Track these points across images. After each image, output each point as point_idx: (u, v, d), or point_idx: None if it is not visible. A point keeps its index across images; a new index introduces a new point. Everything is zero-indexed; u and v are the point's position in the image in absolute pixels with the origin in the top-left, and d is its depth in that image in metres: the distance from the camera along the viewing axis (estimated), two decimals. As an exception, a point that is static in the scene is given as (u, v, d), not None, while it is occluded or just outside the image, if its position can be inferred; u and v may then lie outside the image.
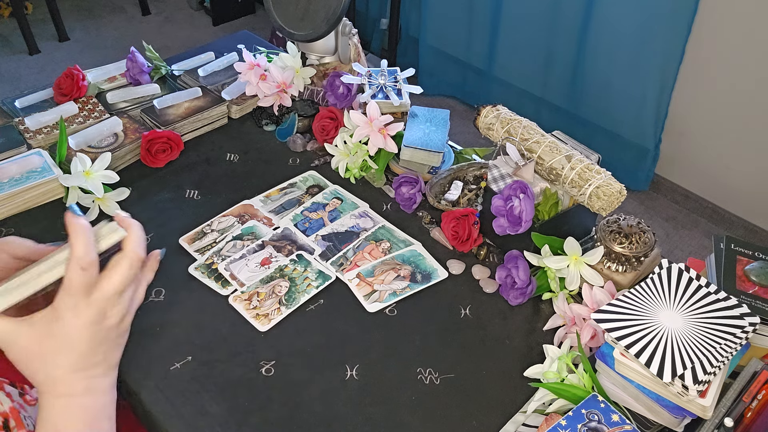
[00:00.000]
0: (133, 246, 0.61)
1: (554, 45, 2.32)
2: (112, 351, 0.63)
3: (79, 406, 0.59)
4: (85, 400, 0.60)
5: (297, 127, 1.14)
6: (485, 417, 0.74)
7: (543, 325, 0.84)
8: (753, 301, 0.73)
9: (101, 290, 0.59)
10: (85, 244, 0.57)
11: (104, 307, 0.60)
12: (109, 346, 0.62)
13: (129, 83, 1.23)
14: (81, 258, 0.57)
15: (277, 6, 1.13)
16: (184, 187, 1.03)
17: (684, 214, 2.27)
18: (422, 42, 2.72)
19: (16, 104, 1.15)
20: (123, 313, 0.62)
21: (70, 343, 0.58)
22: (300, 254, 0.92)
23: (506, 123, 0.92)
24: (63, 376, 0.59)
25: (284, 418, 0.73)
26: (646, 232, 0.82)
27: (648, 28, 2.00)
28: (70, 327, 0.58)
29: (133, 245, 0.61)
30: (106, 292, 0.59)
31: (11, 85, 2.80)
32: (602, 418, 0.66)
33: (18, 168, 0.97)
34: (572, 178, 0.84)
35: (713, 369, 0.64)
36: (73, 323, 0.58)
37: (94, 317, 0.59)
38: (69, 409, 0.59)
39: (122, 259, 0.60)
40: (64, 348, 0.58)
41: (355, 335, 0.82)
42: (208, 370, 0.77)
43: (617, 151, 2.29)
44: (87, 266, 0.57)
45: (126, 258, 0.61)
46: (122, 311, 0.62)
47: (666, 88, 2.10)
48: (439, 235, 0.96)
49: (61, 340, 0.58)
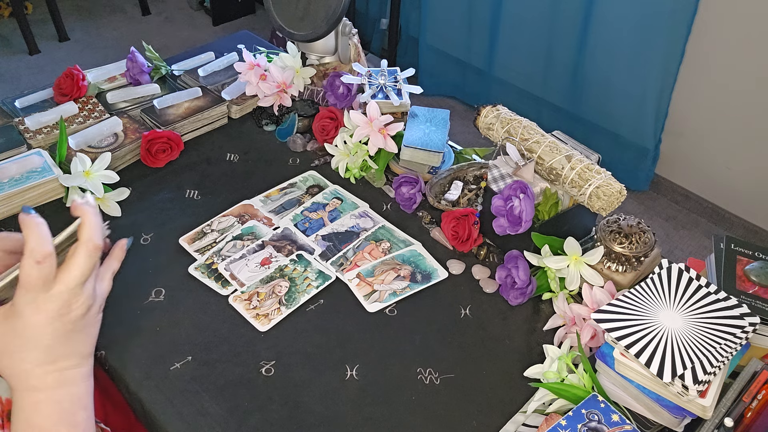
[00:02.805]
0: (88, 234, 0.59)
1: (554, 45, 2.31)
2: (82, 341, 0.61)
3: (52, 400, 0.58)
4: (58, 393, 0.59)
5: (297, 127, 1.14)
6: (485, 417, 0.74)
7: (543, 325, 0.84)
8: (753, 301, 0.73)
9: (61, 283, 0.57)
10: (38, 236, 0.55)
11: (67, 300, 0.58)
12: (78, 337, 0.61)
13: (129, 83, 1.23)
14: (34, 250, 0.55)
15: (277, 6, 1.13)
16: (184, 187, 1.03)
17: (684, 214, 2.27)
18: (422, 42, 2.72)
19: (16, 104, 1.15)
20: (89, 303, 0.60)
21: (33, 339, 0.57)
22: (300, 254, 0.92)
23: (506, 123, 0.92)
24: (32, 370, 0.58)
25: (284, 418, 0.73)
26: (646, 232, 0.82)
27: (648, 27, 2.00)
28: (30, 323, 0.57)
29: (88, 233, 0.59)
30: (67, 284, 0.57)
31: (11, 85, 2.80)
32: (602, 418, 0.66)
33: (18, 168, 0.97)
34: (572, 178, 0.84)
35: (713, 369, 0.64)
36: (33, 320, 0.57)
37: (57, 311, 0.57)
38: (42, 403, 0.58)
39: (78, 248, 0.58)
40: (28, 344, 0.57)
41: (355, 335, 0.82)
42: (208, 370, 0.77)
43: (617, 151, 2.29)
44: (42, 259, 0.55)
45: (82, 247, 0.58)
46: (87, 301, 0.60)
47: (666, 88, 2.10)
48: (439, 235, 0.96)
49: (24, 336, 0.57)
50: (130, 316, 0.83)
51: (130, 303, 0.84)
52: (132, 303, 0.84)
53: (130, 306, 0.84)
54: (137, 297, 0.85)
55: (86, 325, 0.62)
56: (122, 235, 0.70)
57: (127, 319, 0.82)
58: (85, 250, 0.58)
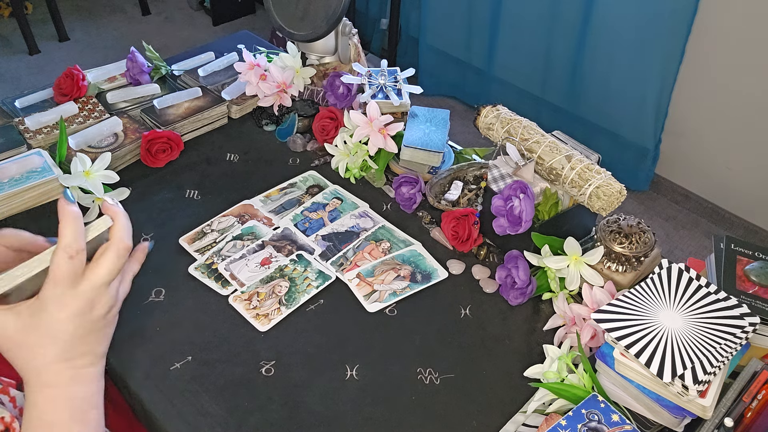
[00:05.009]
0: (120, 235, 0.60)
1: (554, 45, 2.32)
2: (98, 341, 0.62)
3: (65, 396, 0.59)
4: (72, 390, 0.59)
5: (297, 127, 1.14)
6: (485, 417, 0.74)
7: (543, 325, 0.84)
8: (753, 301, 0.73)
9: (88, 281, 0.58)
10: (74, 231, 0.56)
11: (92, 298, 0.58)
12: (96, 337, 0.61)
13: (129, 83, 1.23)
14: (69, 245, 0.56)
15: (277, 6, 1.13)
16: (184, 187, 1.03)
17: (684, 214, 2.27)
18: (422, 42, 2.72)
19: (16, 104, 1.15)
20: (111, 303, 0.61)
21: (54, 335, 0.57)
22: (300, 254, 0.92)
23: (506, 123, 0.92)
24: (48, 366, 0.58)
25: (284, 418, 0.73)
26: (646, 232, 0.82)
27: (648, 28, 2.00)
28: (54, 319, 0.57)
29: (120, 234, 0.60)
30: (94, 282, 0.58)
31: (11, 85, 2.80)
32: (602, 418, 0.66)
33: (18, 168, 0.97)
34: (572, 178, 0.84)
35: (713, 369, 0.64)
36: (57, 315, 0.57)
37: (81, 309, 0.58)
38: (55, 400, 0.58)
39: (109, 248, 0.59)
40: (49, 339, 0.57)
41: (355, 335, 0.82)
42: (208, 370, 0.77)
43: (617, 151, 2.29)
44: (74, 254, 0.56)
45: (113, 247, 0.59)
46: (110, 302, 0.61)
47: (666, 88, 2.10)
48: (439, 235, 0.96)
49: (46, 331, 0.57)
50: (130, 316, 0.82)
51: (130, 303, 0.83)
52: (132, 303, 0.84)
53: (130, 306, 0.83)
54: (137, 297, 0.85)
55: (105, 326, 0.62)
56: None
57: (127, 319, 0.82)
58: (116, 250, 0.59)
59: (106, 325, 0.63)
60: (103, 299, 0.60)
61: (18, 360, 0.58)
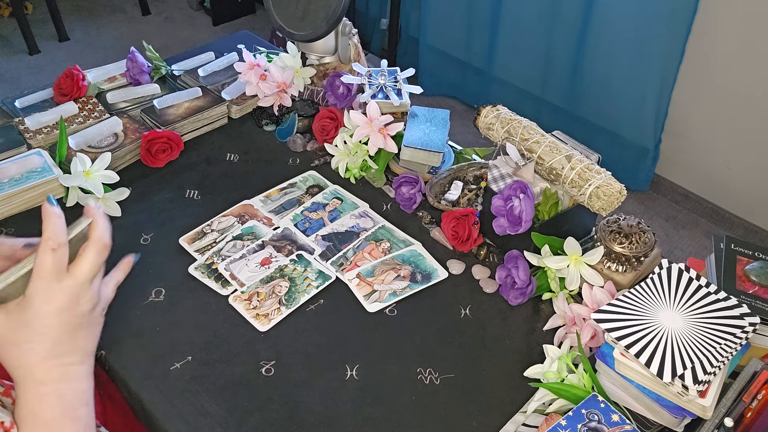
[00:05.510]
0: (99, 233, 0.63)
1: (554, 45, 2.31)
2: (86, 339, 0.64)
3: (55, 393, 0.60)
4: (62, 387, 0.61)
5: (297, 127, 1.14)
6: (485, 417, 0.74)
7: (543, 325, 0.84)
8: (753, 301, 0.73)
9: (72, 276, 0.60)
10: (54, 226, 0.59)
11: (76, 294, 0.61)
12: (83, 334, 0.63)
13: (129, 83, 1.23)
14: (50, 238, 0.58)
15: (277, 6, 1.13)
16: (184, 187, 1.03)
17: (684, 214, 2.27)
18: (422, 42, 2.72)
19: (16, 104, 1.15)
20: (94, 300, 0.63)
21: (43, 331, 0.59)
22: (300, 254, 0.92)
23: (506, 123, 0.92)
24: (38, 363, 0.59)
25: (284, 418, 0.73)
26: (646, 232, 0.82)
27: (648, 28, 2.00)
28: (40, 313, 0.59)
29: (99, 232, 0.63)
30: (77, 277, 0.61)
31: (11, 85, 2.80)
32: (602, 418, 0.66)
33: (18, 168, 0.97)
34: (572, 178, 0.84)
35: (713, 369, 0.64)
36: (43, 309, 0.59)
37: (66, 303, 0.60)
38: (46, 397, 0.60)
39: (89, 246, 0.62)
40: (38, 335, 0.59)
41: (355, 335, 0.82)
42: (208, 370, 0.77)
43: (617, 151, 2.29)
44: (56, 247, 0.58)
45: (93, 244, 0.62)
46: (93, 299, 0.63)
47: (666, 88, 2.09)
48: (439, 235, 0.96)
49: (33, 327, 0.59)
50: (130, 316, 0.83)
51: (130, 303, 0.84)
52: (132, 303, 0.84)
53: (130, 306, 0.84)
54: (137, 297, 0.85)
55: (91, 323, 0.64)
56: (122, 235, 0.71)
57: (127, 319, 0.82)
58: (95, 247, 0.62)
59: (92, 323, 0.64)
60: (87, 295, 0.62)
61: (9, 358, 0.59)
